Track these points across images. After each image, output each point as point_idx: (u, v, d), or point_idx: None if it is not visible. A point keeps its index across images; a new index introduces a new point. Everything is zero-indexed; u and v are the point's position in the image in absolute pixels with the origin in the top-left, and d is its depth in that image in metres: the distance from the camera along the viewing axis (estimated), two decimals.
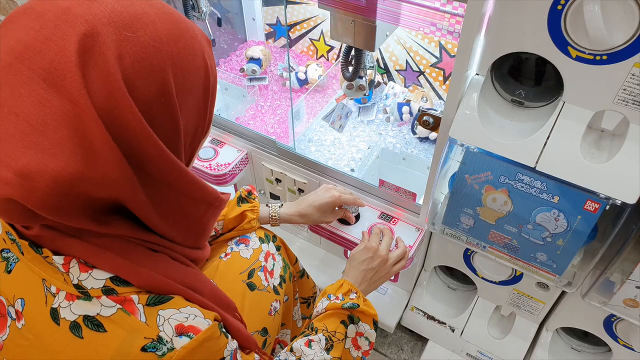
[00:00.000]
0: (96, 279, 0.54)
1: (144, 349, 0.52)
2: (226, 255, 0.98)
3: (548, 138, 0.83)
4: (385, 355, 1.50)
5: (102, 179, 0.49)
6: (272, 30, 1.71)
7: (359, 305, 0.93)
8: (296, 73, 1.55)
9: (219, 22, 1.48)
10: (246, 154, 1.43)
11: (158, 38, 0.51)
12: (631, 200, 0.80)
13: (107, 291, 0.55)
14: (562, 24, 0.75)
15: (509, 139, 0.87)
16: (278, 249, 1.06)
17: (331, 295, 0.95)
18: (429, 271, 1.43)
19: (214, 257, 0.98)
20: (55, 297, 0.55)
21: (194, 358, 0.55)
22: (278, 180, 1.43)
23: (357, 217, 1.24)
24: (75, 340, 0.53)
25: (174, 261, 0.62)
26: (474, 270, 1.27)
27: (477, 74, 0.90)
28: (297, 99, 1.48)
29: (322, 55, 1.66)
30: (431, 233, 1.25)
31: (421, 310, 1.43)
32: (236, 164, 1.41)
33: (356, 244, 1.19)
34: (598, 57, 0.76)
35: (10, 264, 0.58)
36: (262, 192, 1.54)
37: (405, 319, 1.46)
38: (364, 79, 1.17)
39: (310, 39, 1.63)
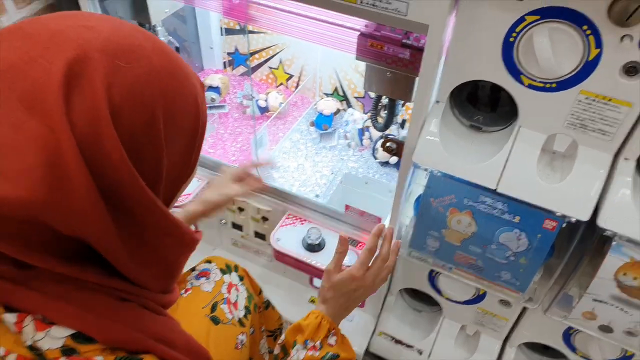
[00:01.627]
0: (54, 337, 0.48)
1: None
2: (186, 291, 0.94)
3: (507, 161, 0.88)
4: None
5: (70, 212, 0.44)
6: (230, 58, 1.72)
7: (339, 356, 0.86)
8: (257, 101, 1.56)
9: (177, 51, 1.48)
10: (207, 183, 1.42)
11: (152, 72, 0.49)
12: (584, 217, 0.85)
13: (66, 352, 0.48)
14: (514, 54, 0.80)
15: (470, 163, 0.91)
16: (241, 279, 1.03)
17: (308, 341, 0.87)
18: (394, 295, 1.45)
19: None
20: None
21: None
22: (240, 209, 1.42)
23: (323, 244, 1.25)
24: None
25: (145, 310, 0.56)
26: (438, 292, 1.30)
27: (437, 101, 0.94)
28: (259, 126, 1.48)
29: (282, 83, 1.68)
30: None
31: (388, 335, 1.44)
32: (196, 194, 1.39)
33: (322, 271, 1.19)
34: (548, 85, 0.81)
35: None
36: (223, 221, 1.52)
37: (373, 345, 1.47)
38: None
39: (270, 67, 1.66)
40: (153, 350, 0.52)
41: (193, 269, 1.01)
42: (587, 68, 0.76)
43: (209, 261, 1.03)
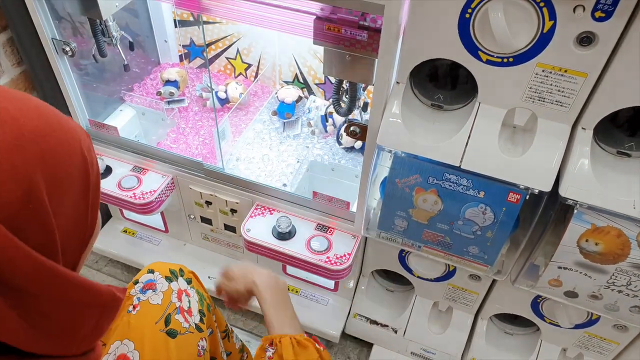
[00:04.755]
0: None
1: None
2: (134, 307, 0.88)
3: (469, 137, 0.89)
4: None
5: None
6: (186, 51, 1.68)
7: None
8: (216, 92, 1.53)
9: (131, 47, 1.43)
10: (172, 179, 1.39)
11: (21, 136, 0.43)
12: (546, 188, 0.87)
13: None
14: (471, 31, 0.81)
15: (433, 142, 0.92)
16: (189, 282, 0.97)
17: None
18: (366, 276, 1.46)
19: (121, 314, 0.87)
20: None
21: None
22: (208, 203, 1.40)
23: (294, 232, 1.24)
24: None
25: None
26: (409, 271, 1.32)
27: (397, 82, 0.94)
28: (220, 119, 1.46)
29: (240, 73, 1.65)
30: (366, 239, 1.28)
31: (363, 316, 1.46)
32: (162, 190, 1.36)
33: (297, 259, 1.19)
34: (505, 60, 0.82)
35: None
36: (192, 217, 1.50)
37: (349, 327, 1.48)
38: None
39: (227, 58, 1.63)
40: None
41: (136, 282, 0.94)
42: (543, 40, 0.77)
43: (151, 270, 0.96)
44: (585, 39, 0.75)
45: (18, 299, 0.43)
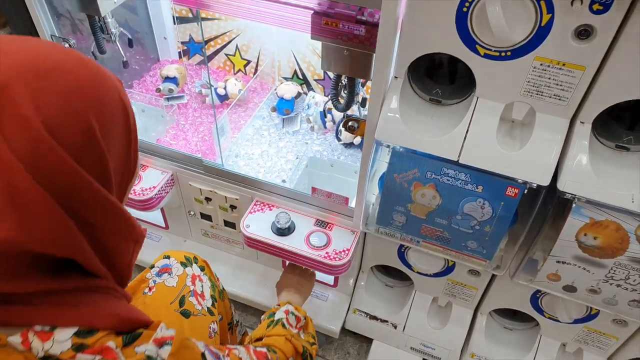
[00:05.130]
0: (61, 341, 0.50)
1: None
2: (150, 289, 0.93)
3: (467, 132, 0.89)
4: None
5: (43, 238, 0.47)
6: (185, 48, 1.68)
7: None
8: (215, 89, 1.53)
9: (130, 43, 1.43)
10: (171, 175, 1.39)
11: (77, 83, 0.50)
12: (545, 182, 0.87)
13: (78, 348, 0.51)
14: (469, 25, 0.80)
15: (431, 136, 0.92)
16: (202, 269, 1.03)
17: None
18: (366, 272, 1.46)
19: (137, 295, 0.93)
20: None
21: (180, 354, 0.57)
22: (208, 199, 1.40)
23: (293, 227, 1.24)
24: None
25: (118, 299, 0.60)
26: (409, 266, 1.32)
27: (395, 77, 0.94)
28: (220, 115, 1.46)
29: (240, 70, 1.65)
30: (365, 234, 1.28)
31: (363, 312, 1.46)
32: (162, 187, 1.36)
33: (296, 254, 1.20)
34: (503, 54, 0.82)
35: None
36: (192, 213, 1.50)
37: (349, 322, 1.48)
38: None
39: (226, 54, 1.62)
40: (143, 324, 0.57)
41: (152, 266, 0.99)
42: (540, 34, 0.77)
43: (167, 256, 1.02)
44: (583, 32, 0.75)
45: (86, 228, 0.51)
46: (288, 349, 0.93)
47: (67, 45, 1.23)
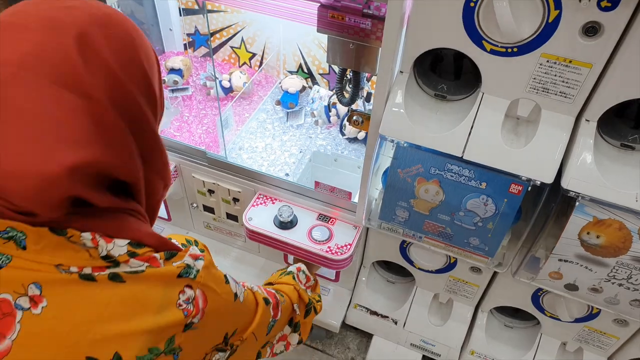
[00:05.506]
0: (120, 246, 0.58)
1: (180, 276, 0.61)
2: None
3: (472, 128, 0.89)
4: (332, 356, 1.51)
5: (120, 163, 0.56)
6: (191, 39, 1.68)
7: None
8: (220, 81, 1.53)
9: None
10: (175, 167, 1.39)
11: (128, 32, 0.58)
12: (549, 180, 0.87)
13: (131, 254, 0.59)
14: (475, 20, 0.80)
15: (436, 132, 0.91)
16: (202, 251, 1.04)
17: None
18: (367, 267, 1.46)
19: None
20: (79, 273, 0.56)
21: (210, 274, 0.65)
22: (211, 192, 1.40)
23: (295, 221, 1.24)
24: (119, 286, 0.57)
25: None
26: (410, 262, 1.32)
27: (400, 72, 0.94)
28: (224, 107, 1.46)
29: (245, 63, 1.65)
30: (368, 229, 1.28)
31: (364, 307, 1.46)
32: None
33: (298, 248, 1.20)
34: (510, 50, 0.82)
35: (1, 264, 0.56)
36: (195, 205, 1.50)
37: (349, 317, 1.48)
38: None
39: (231, 47, 1.62)
40: (177, 250, 0.65)
41: None
42: (548, 30, 0.77)
43: (169, 238, 1.03)
44: (591, 29, 0.75)
45: (145, 161, 0.60)
46: (294, 296, 0.98)
47: None
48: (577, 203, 0.86)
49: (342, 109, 1.43)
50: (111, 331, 0.55)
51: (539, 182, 0.87)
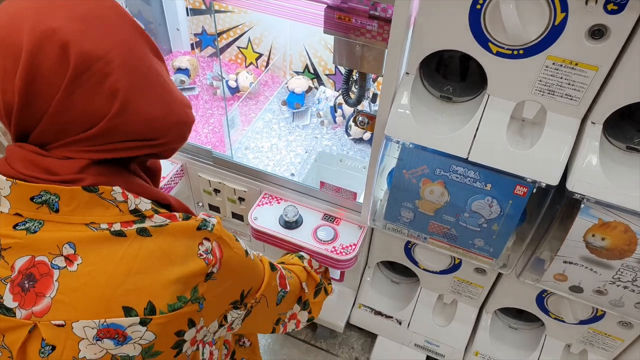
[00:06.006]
0: (145, 202, 0.64)
1: (199, 228, 0.65)
2: None
3: (477, 130, 0.89)
4: (336, 355, 1.52)
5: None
6: (198, 39, 1.69)
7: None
8: (227, 81, 1.54)
9: None
10: (181, 166, 1.40)
11: (110, 23, 0.62)
12: (554, 182, 0.87)
13: (155, 211, 0.64)
14: (482, 22, 0.80)
15: (441, 133, 0.92)
16: None
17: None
18: (372, 267, 1.46)
19: None
20: (109, 229, 0.60)
21: (223, 229, 0.70)
22: (217, 191, 1.41)
23: (300, 221, 1.25)
24: (146, 239, 0.61)
25: None
26: (415, 263, 1.32)
27: (406, 73, 0.94)
28: (230, 107, 1.47)
29: (251, 63, 1.66)
30: (372, 230, 1.29)
31: (368, 307, 1.46)
32: (171, 177, 1.37)
33: (303, 248, 1.20)
34: (516, 52, 0.82)
35: (34, 229, 0.60)
36: (200, 204, 1.51)
37: (354, 317, 1.49)
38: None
39: (238, 47, 1.63)
40: (193, 214, 0.70)
41: None
42: (554, 33, 0.77)
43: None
44: (597, 32, 0.75)
45: None
46: (303, 275, 1.01)
47: None
48: (583, 205, 0.86)
49: (348, 110, 1.44)
50: (143, 282, 0.59)
51: (544, 184, 0.87)
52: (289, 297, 0.93)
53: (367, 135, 1.41)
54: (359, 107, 1.16)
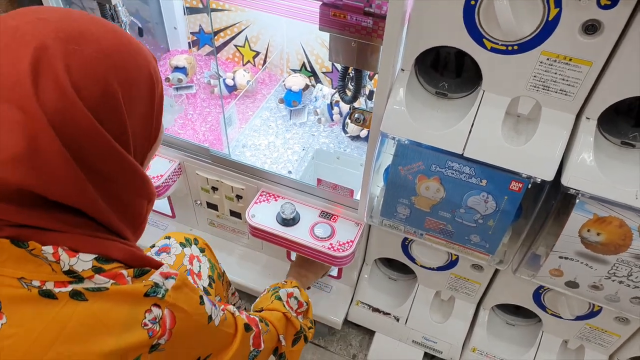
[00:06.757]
0: (84, 261, 0.57)
1: (147, 295, 0.59)
2: None
3: (472, 126, 0.89)
4: (334, 353, 1.52)
5: (53, 187, 0.53)
6: (195, 38, 1.69)
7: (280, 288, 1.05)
8: (224, 80, 1.54)
9: (140, 33, 1.44)
10: (179, 164, 1.41)
11: (101, 51, 0.55)
12: (549, 177, 0.87)
13: (97, 270, 0.57)
14: (476, 18, 0.81)
15: (436, 129, 0.92)
16: (202, 250, 1.05)
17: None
18: (370, 264, 1.47)
19: None
20: (40, 288, 0.55)
21: (182, 293, 0.63)
22: (214, 189, 1.41)
23: (297, 218, 1.25)
24: (80, 304, 0.55)
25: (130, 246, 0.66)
26: (412, 259, 1.32)
27: (402, 69, 0.94)
28: (227, 105, 1.47)
29: (249, 61, 1.66)
30: (370, 227, 1.29)
31: (366, 304, 1.47)
32: (169, 175, 1.38)
33: (301, 245, 1.21)
34: (510, 48, 0.82)
35: None
36: (198, 202, 1.51)
37: (352, 314, 1.49)
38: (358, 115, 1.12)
39: (235, 46, 1.63)
40: (153, 265, 0.63)
41: (152, 246, 1.03)
42: (548, 28, 0.77)
43: (168, 237, 1.05)
44: (591, 27, 0.75)
45: (97, 178, 0.56)
46: (281, 325, 0.94)
47: None
48: (578, 200, 0.87)
49: (345, 107, 1.44)
50: (71, 352, 0.53)
51: (539, 180, 0.88)
52: (262, 355, 0.87)
53: (364, 133, 1.42)
54: (356, 104, 1.16)
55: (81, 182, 0.54)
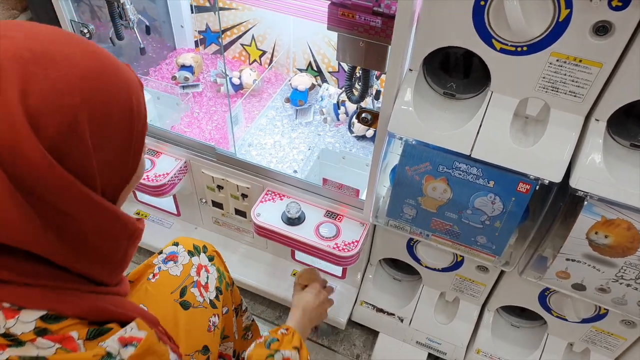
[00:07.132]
0: (25, 322, 0.49)
1: None
2: (154, 275, 0.92)
3: (480, 127, 0.89)
4: (338, 352, 1.52)
5: (11, 234, 0.47)
6: (202, 37, 1.69)
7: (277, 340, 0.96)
8: (230, 78, 1.54)
9: (148, 31, 1.44)
10: (185, 163, 1.41)
11: (72, 76, 0.49)
12: (557, 179, 0.87)
13: (40, 332, 0.49)
14: (485, 19, 0.80)
15: (444, 130, 0.92)
16: (210, 259, 1.01)
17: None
18: (374, 265, 1.46)
19: (142, 280, 0.93)
20: None
21: None
22: (220, 187, 1.41)
23: (303, 217, 1.25)
24: None
25: (98, 293, 0.58)
26: (417, 260, 1.32)
27: (410, 70, 0.94)
28: (234, 104, 1.47)
29: (255, 60, 1.66)
30: (375, 227, 1.29)
31: (370, 304, 1.46)
32: (175, 173, 1.38)
33: (306, 244, 1.20)
34: (519, 49, 0.82)
35: None
36: (204, 201, 1.52)
37: (356, 314, 1.49)
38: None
39: (242, 44, 1.63)
40: (117, 318, 0.55)
41: (160, 252, 0.99)
42: (558, 29, 0.77)
43: (176, 244, 1.00)
44: (602, 29, 0.75)
45: (56, 219, 0.49)
46: None
47: (86, 30, 1.25)
48: (586, 202, 0.86)
49: (351, 107, 1.44)
50: None
51: (547, 181, 0.87)
52: None
53: (370, 133, 1.41)
54: (362, 104, 1.16)
55: (35, 225, 0.47)
